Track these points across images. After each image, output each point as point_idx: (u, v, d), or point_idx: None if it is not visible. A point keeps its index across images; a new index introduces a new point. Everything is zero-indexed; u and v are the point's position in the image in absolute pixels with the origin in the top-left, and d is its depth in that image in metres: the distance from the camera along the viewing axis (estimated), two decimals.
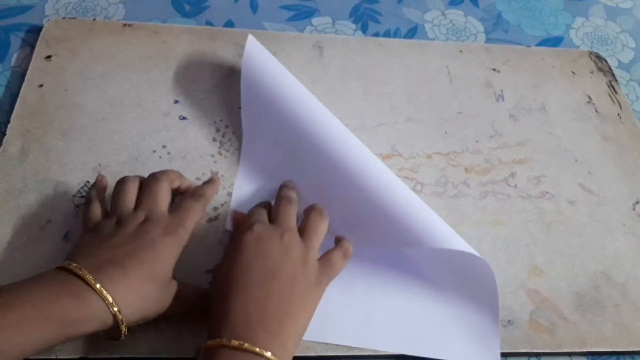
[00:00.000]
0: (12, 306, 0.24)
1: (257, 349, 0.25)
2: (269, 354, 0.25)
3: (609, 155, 0.43)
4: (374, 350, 0.32)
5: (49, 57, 0.42)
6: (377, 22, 0.50)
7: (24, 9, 0.46)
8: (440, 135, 0.42)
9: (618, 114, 0.46)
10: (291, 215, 0.32)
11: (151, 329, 0.31)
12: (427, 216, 0.33)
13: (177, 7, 0.48)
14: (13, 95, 0.40)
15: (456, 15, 0.52)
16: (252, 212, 0.32)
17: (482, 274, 0.34)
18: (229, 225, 0.35)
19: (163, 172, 0.33)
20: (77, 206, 0.35)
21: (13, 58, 0.43)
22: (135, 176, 0.33)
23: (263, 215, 0.32)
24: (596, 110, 0.46)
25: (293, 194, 0.34)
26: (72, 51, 0.42)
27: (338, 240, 0.32)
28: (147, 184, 0.32)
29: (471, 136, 0.43)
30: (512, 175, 0.41)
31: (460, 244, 0.32)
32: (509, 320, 0.34)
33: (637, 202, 0.41)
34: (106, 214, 0.32)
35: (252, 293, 0.27)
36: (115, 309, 0.26)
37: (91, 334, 0.26)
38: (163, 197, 0.31)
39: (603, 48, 0.52)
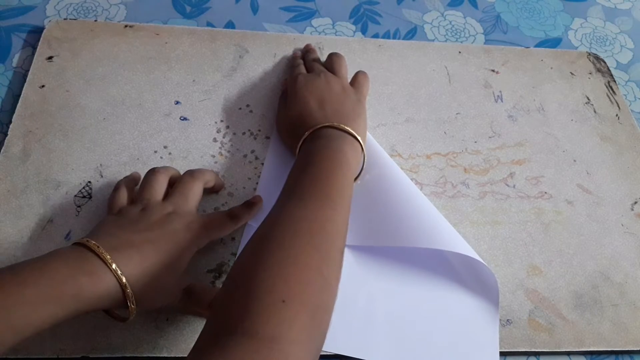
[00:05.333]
0: (28, 284, 0.24)
1: (348, 129, 0.34)
2: (349, 129, 0.34)
3: (607, 156, 0.44)
4: None
5: (50, 58, 0.42)
6: (377, 23, 0.50)
7: (25, 10, 0.46)
8: (440, 135, 0.43)
9: (616, 115, 0.46)
10: (318, 65, 0.41)
11: (152, 328, 0.31)
12: (439, 219, 0.34)
13: (178, 8, 0.48)
14: (15, 95, 0.40)
15: (455, 16, 0.52)
16: (293, 69, 0.42)
17: (484, 278, 0.34)
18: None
19: (200, 172, 0.34)
20: (78, 206, 0.36)
21: (15, 59, 0.43)
22: (167, 169, 0.34)
23: (302, 68, 0.42)
24: (595, 111, 0.46)
25: (315, 55, 0.44)
26: (73, 52, 0.43)
27: (356, 73, 0.41)
28: (182, 180, 0.33)
29: (470, 137, 0.43)
30: (511, 175, 0.41)
31: (467, 249, 0.33)
32: (507, 320, 0.35)
33: (635, 202, 0.41)
34: (132, 202, 0.32)
35: (318, 115, 0.36)
36: (129, 290, 0.26)
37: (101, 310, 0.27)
38: (194, 196, 0.33)
39: (601, 49, 0.52)
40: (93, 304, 0.26)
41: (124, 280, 0.26)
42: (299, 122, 0.36)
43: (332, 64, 0.41)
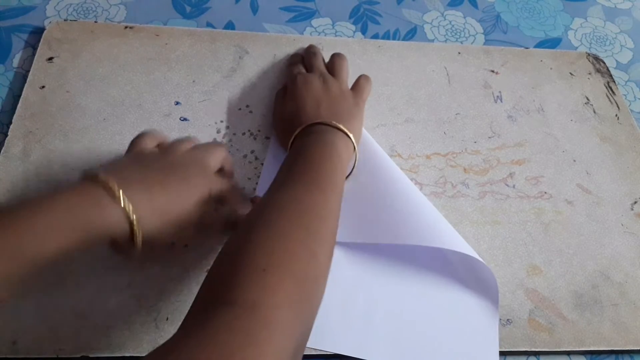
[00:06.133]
0: (39, 214, 0.24)
1: (341, 126, 0.34)
2: (342, 127, 0.34)
3: (607, 156, 0.44)
4: None
5: (50, 58, 0.42)
6: (377, 23, 0.50)
7: (25, 10, 0.46)
8: (439, 136, 0.43)
9: (616, 115, 0.46)
10: (320, 63, 0.42)
11: (152, 327, 0.32)
12: (438, 218, 0.34)
13: (177, 9, 0.48)
14: (15, 96, 0.41)
15: (455, 16, 0.52)
16: (290, 67, 0.42)
17: (483, 277, 0.34)
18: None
19: (224, 147, 0.35)
20: None
21: (15, 59, 0.43)
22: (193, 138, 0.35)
23: (301, 67, 0.42)
24: (594, 111, 0.46)
25: (316, 49, 0.44)
26: (73, 53, 0.43)
27: (359, 77, 0.41)
28: (206, 143, 0.34)
29: (470, 137, 0.43)
30: (511, 175, 0.41)
31: (466, 247, 0.33)
32: (507, 320, 0.35)
33: (635, 202, 0.41)
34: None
35: (313, 114, 0.36)
36: (136, 228, 0.26)
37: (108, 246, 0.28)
38: (216, 154, 0.33)
39: (601, 49, 0.52)
40: (102, 235, 0.26)
41: (132, 217, 0.26)
42: (294, 119, 0.37)
43: (333, 65, 0.41)
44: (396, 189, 0.36)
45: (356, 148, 0.35)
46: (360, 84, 0.41)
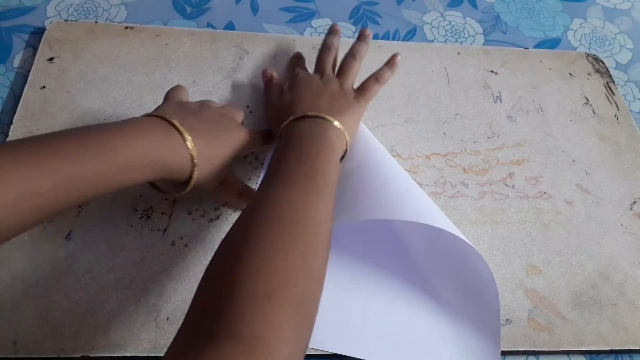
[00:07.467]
0: (120, 152, 0.27)
1: (329, 117, 0.34)
2: (336, 122, 0.34)
3: (606, 156, 0.44)
4: None
5: (51, 59, 0.42)
6: (377, 23, 0.51)
7: (25, 11, 0.46)
8: (439, 136, 0.43)
9: (615, 115, 0.47)
10: (328, 61, 0.40)
11: (152, 327, 0.32)
12: (428, 200, 0.34)
13: (178, 9, 0.48)
14: (16, 96, 0.41)
15: (455, 16, 0.53)
16: (294, 67, 0.41)
17: (482, 275, 0.34)
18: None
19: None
20: (79, 206, 0.36)
21: (16, 59, 0.43)
22: None
23: (301, 68, 0.41)
24: (593, 112, 0.47)
25: (335, 41, 0.42)
26: (74, 53, 0.43)
27: (367, 79, 0.39)
28: (228, 104, 0.37)
29: (469, 137, 0.43)
30: (510, 175, 0.41)
31: (462, 237, 0.32)
32: (507, 319, 0.35)
33: (634, 202, 0.42)
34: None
35: (309, 105, 0.35)
36: (196, 171, 0.30)
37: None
38: (240, 115, 0.36)
39: (601, 49, 0.52)
40: (173, 173, 0.30)
41: (196, 160, 0.30)
42: (288, 108, 0.36)
43: (342, 66, 0.40)
44: (389, 172, 0.34)
45: (348, 142, 0.34)
46: (366, 84, 0.39)
